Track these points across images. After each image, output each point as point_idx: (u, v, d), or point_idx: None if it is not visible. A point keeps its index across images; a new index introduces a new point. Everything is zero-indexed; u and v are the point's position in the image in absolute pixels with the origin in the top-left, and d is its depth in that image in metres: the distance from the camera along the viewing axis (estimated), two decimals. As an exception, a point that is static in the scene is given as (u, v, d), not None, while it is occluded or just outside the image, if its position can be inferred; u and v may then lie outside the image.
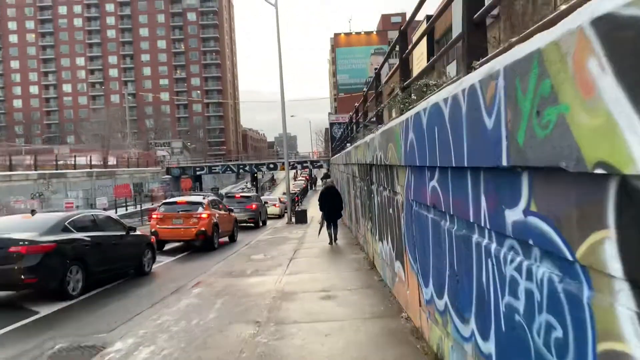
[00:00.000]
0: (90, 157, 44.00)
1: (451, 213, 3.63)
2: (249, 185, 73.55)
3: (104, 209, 38.21)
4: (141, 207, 36.15)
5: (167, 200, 17.43)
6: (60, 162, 40.46)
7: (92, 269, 9.21)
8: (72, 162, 41.28)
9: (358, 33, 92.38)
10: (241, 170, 65.32)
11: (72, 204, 31.37)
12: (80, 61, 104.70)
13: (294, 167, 63.60)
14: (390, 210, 6.72)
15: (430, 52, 9.51)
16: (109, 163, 48.86)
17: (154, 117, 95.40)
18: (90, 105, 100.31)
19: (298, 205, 35.19)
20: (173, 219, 14.92)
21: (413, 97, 5.47)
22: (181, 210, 15.06)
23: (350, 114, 16.76)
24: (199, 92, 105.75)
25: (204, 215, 14.91)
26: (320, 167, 61.66)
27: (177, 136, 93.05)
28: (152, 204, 46.51)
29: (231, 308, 7.20)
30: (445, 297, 4.04)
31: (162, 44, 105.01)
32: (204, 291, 8.57)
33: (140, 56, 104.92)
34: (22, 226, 8.77)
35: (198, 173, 63.87)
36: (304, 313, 6.61)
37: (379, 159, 6.98)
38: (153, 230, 14.88)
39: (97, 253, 9.38)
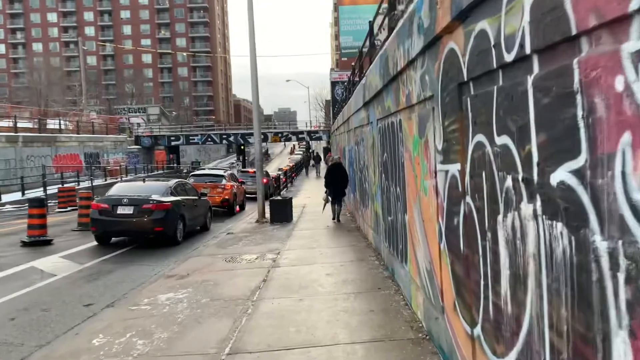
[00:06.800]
0: (15, 117, 33.52)
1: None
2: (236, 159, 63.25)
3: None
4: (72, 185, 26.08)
5: (195, 173, 20.75)
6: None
7: (187, 223, 12.14)
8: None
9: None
10: (224, 141, 54.98)
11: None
12: (53, 17, 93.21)
13: (288, 139, 53.65)
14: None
15: None
16: (49, 127, 38.50)
17: (133, 79, 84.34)
18: (63, 67, 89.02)
19: (284, 188, 25.17)
20: (202, 189, 15.88)
21: None
22: (208, 181, 17.79)
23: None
24: (185, 54, 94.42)
25: (227, 186, 17.99)
26: (319, 139, 52.15)
27: (161, 103, 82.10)
28: (106, 180, 36.68)
29: None
30: None
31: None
32: None
33: (119, 13, 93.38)
34: (143, 190, 11.69)
35: (173, 143, 53.53)
36: None
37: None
38: None
39: (188, 211, 12.33)
